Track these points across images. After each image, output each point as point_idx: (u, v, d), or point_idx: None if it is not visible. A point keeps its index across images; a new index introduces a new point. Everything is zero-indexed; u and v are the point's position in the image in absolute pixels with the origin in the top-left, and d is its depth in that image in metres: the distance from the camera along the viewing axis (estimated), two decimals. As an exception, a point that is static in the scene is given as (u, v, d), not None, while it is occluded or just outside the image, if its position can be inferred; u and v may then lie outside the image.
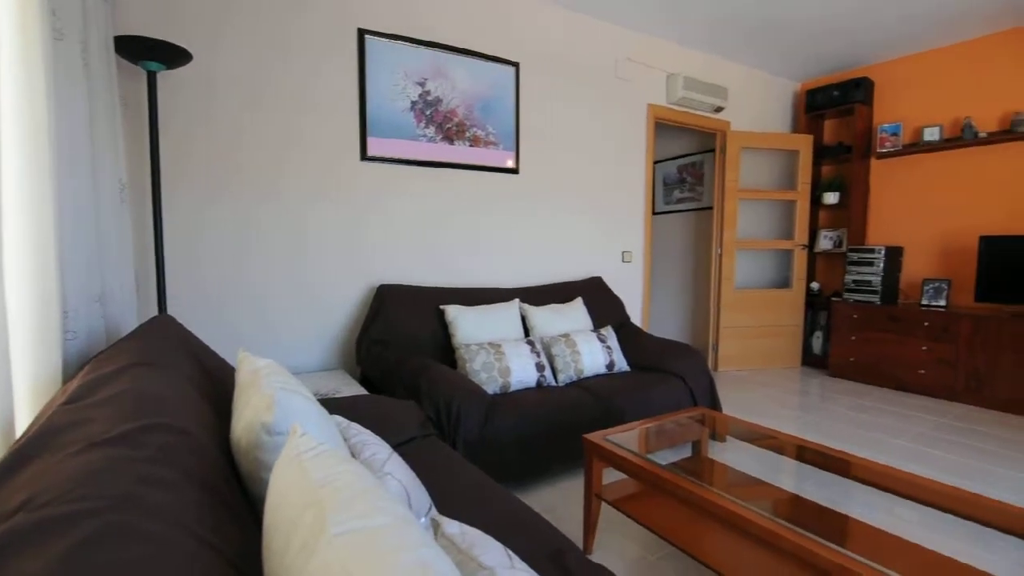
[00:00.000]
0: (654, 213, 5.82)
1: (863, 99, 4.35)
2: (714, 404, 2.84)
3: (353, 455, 1.08)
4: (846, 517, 1.53)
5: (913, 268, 4.28)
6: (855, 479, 1.60)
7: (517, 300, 2.99)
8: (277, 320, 2.65)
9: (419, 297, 2.79)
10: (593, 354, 2.77)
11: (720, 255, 4.51)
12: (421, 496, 1.01)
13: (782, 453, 1.88)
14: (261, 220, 2.58)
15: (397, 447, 1.63)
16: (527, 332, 2.94)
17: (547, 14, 3.45)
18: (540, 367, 2.57)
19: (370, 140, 2.87)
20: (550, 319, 2.96)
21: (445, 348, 2.71)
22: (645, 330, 4.11)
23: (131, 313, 1.94)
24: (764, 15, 3.56)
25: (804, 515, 1.53)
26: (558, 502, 2.17)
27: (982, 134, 3.80)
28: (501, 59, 3.28)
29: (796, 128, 4.97)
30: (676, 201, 5.57)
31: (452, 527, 0.74)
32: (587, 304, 3.32)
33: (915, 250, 4.28)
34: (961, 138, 3.87)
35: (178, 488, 0.62)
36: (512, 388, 2.46)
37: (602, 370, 2.80)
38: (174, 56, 2.04)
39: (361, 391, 2.36)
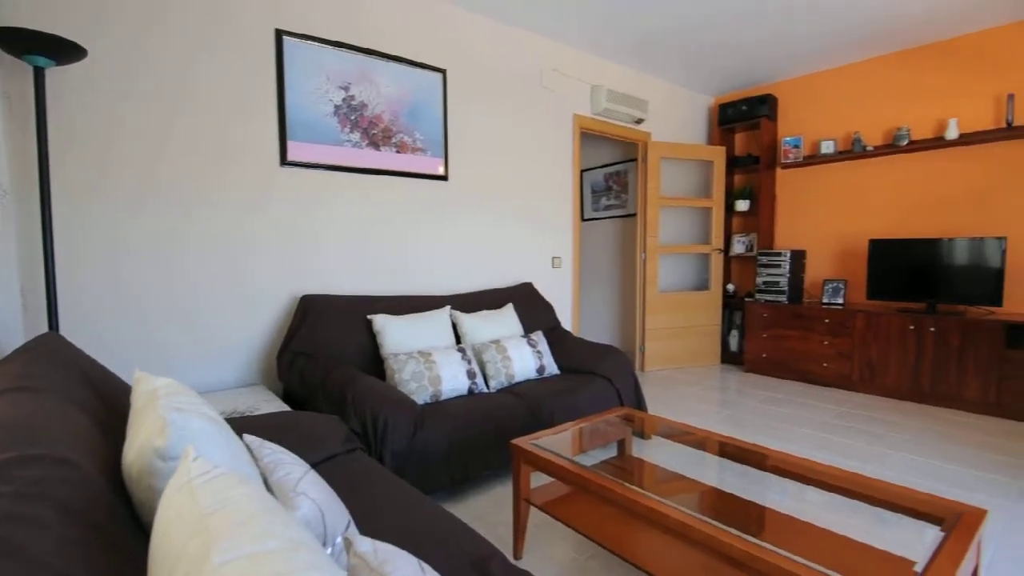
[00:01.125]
0: (583, 220, 5.98)
1: (768, 114, 4.70)
2: (639, 403, 2.95)
3: (264, 476, 1.02)
4: (759, 506, 1.63)
5: (815, 269, 4.67)
6: (768, 470, 1.72)
7: (448, 307, 2.97)
8: (192, 334, 2.48)
9: (345, 307, 2.71)
10: (524, 359, 2.80)
11: (644, 260, 4.70)
12: (338, 514, 0.98)
13: (701, 448, 1.98)
14: (175, 228, 2.41)
15: (318, 464, 1.57)
16: (458, 340, 2.93)
17: (473, 23, 3.47)
18: (471, 374, 2.57)
19: (290, 144, 2.76)
20: (481, 326, 2.96)
21: (374, 359, 2.64)
22: (575, 334, 4.21)
23: (15, 331, 1.75)
24: (679, 35, 3.77)
25: (720, 506, 1.62)
26: (490, 509, 2.17)
27: (869, 147, 4.21)
28: (427, 65, 3.26)
29: (711, 140, 5.28)
30: (603, 208, 5.76)
31: (365, 545, 0.72)
32: (518, 310, 3.36)
33: (816, 253, 4.67)
34: (852, 151, 4.27)
35: (48, 526, 0.56)
36: (443, 397, 2.44)
37: (533, 375, 2.83)
38: (65, 51, 1.87)
39: (283, 407, 2.26)
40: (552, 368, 2.93)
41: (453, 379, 2.46)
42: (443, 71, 3.33)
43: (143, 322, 2.37)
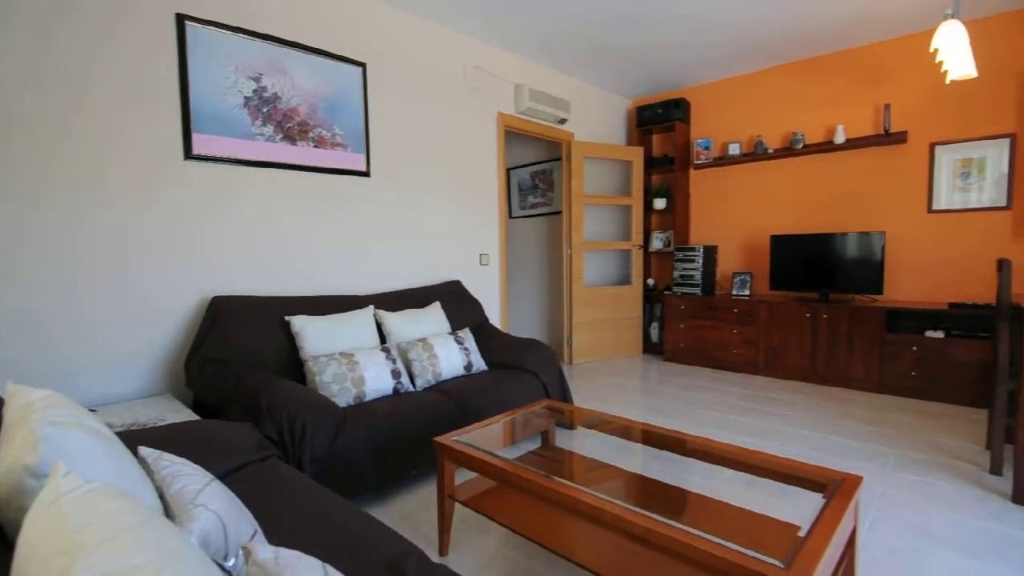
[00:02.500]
0: (511, 218, 6.05)
1: (681, 117, 4.97)
2: (565, 395, 3.03)
3: (160, 490, 0.96)
4: (671, 487, 1.73)
5: (726, 263, 4.99)
6: (681, 452, 1.83)
7: (372, 307, 2.91)
8: (90, 343, 2.26)
9: (261, 308, 2.58)
10: (451, 356, 2.79)
11: (570, 256, 4.83)
12: (243, 525, 0.94)
13: (622, 436, 2.07)
14: (71, 228, 2.19)
15: (228, 474, 1.49)
16: (384, 339, 2.88)
17: (394, 17, 3.41)
18: (396, 374, 2.53)
19: (196, 137, 2.58)
20: (407, 324, 2.93)
21: (293, 363, 2.54)
22: (504, 330, 4.26)
23: None
24: (598, 38, 3.90)
25: (634, 489, 1.70)
26: (418, 508, 2.15)
27: (770, 150, 4.56)
28: (346, 59, 3.16)
29: (630, 141, 5.51)
30: (530, 206, 5.85)
31: (265, 553, 0.70)
32: (445, 307, 3.35)
33: (727, 248, 5.00)
34: (755, 153, 4.61)
35: None
36: (367, 398, 2.39)
37: (460, 372, 2.84)
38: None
39: (192, 417, 2.12)
40: (480, 364, 2.95)
41: (377, 379, 2.42)
42: (363, 65, 3.25)
43: (39, 333, 2.14)
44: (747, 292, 4.58)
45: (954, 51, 2.57)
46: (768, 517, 1.47)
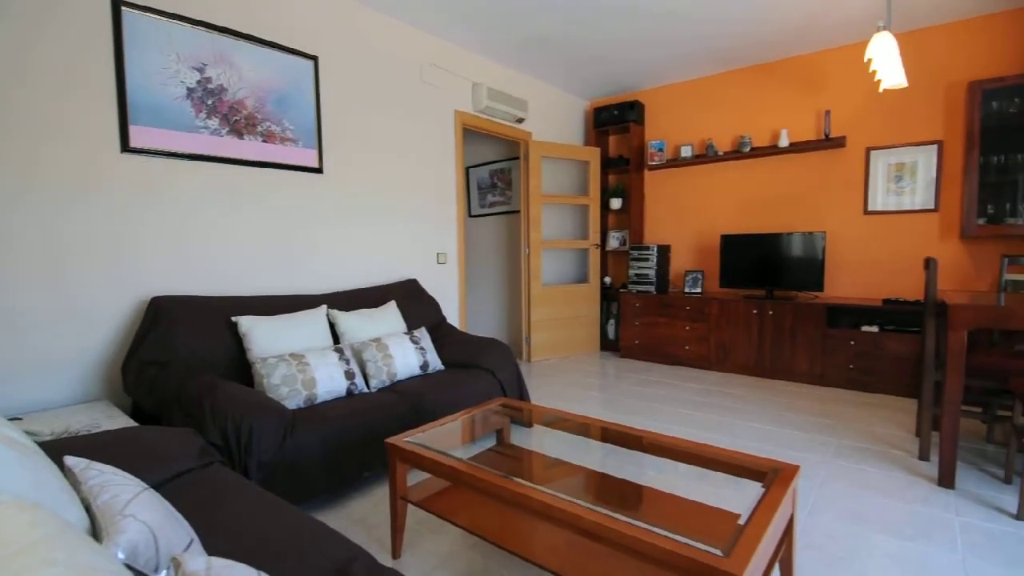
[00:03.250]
0: (470, 216, 6.03)
1: (636, 119, 5.07)
2: (522, 393, 3.05)
3: (87, 501, 0.91)
4: (622, 481, 1.76)
5: (679, 262, 5.13)
6: (633, 447, 1.86)
7: (324, 307, 2.84)
8: (16, 344, 2.11)
9: (205, 309, 2.48)
10: (406, 356, 2.76)
11: (528, 255, 4.85)
12: (177, 535, 0.90)
13: (576, 432, 2.10)
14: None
15: (166, 483, 1.43)
16: (337, 340, 2.82)
17: (347, 9, 3.33)
18: (350, 375, 2.48)
19: (133, 129, 2.45)
20: (361, 324, 2.87)
21: (240, 365, 2.45)
22: (463, 329, 4.24)
23: None
24: (556, 40, 3.93)
25: (586, 485, 1.72)
26: (371, 511, 2.12)
27: (720, 152, 4.71)
28: (297, 51, 3.07)
29: (587, 141, 5.58)
30: (489, 205, 5.84)
31: (196, 564, 0.67)
32: (402, 307, 3.30)
33: (679, 247, 5.14)
34: (706, 155, 4.75)
35: None
36: (319, 400, 2.33)
37: (416, 372, 2.81)
38: None
39: (129, 423, 2.02)
40: (436, 364, 2.92)
41: (329, 381, 2.36)
42: (314, 58, 3.17)
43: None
44: (699, 290, 4.72)
45: (886, 61, 2.73)
46: (715, 508, 1.52)
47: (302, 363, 2.32)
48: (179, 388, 2.08)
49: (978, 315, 2.11)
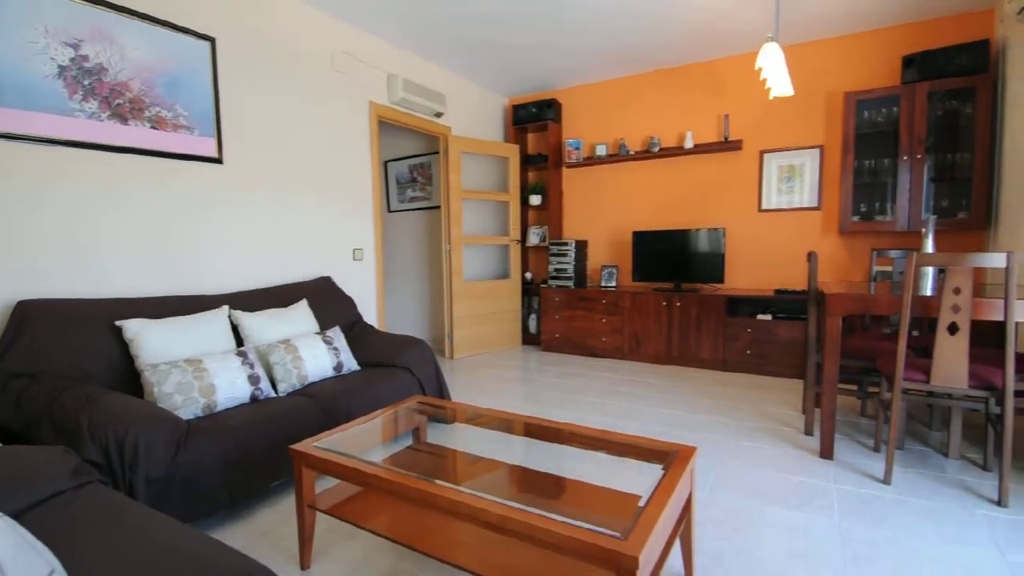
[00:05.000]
0: (389, 211, 5.88)
1: (554, 117, 5.17)
2: (441, 391, 3.02)
3: (-86, 538, 0.79)
4: (534, 472, 1.80)
5: (595, 257, 5.31)
6: (547, 439, 1.89)
7: (226, 307, 2.66)
8: None
9: (84, 313, 2.23)
10: (318, 358, 2.64)
11: (449, 251, 4.81)
12: (31, 567, 0.80)
13: (494, 427, 2.10)
14: None
15: (31, 507, 1.27)
16: (241, 343, 2.65)
17: (247, -11, 3.12)
18: (255, 379, 2.34)
19: (-12, 110, 2.16)
20: (268, 325, 2.72)
21: (128, 374, 2.23)
22: (383, 327, 4.14)
23: None
24: (473, 35, 3.91)
25: (503, 479, 1.74)
26: (279, 521, 2.01)
27: (632, 152, 4.91)
28: (190, 31, 2.84)
29: (507, 138, 5.61)
30: (409, 200, 5.73)
31: (45, 596, 0.60)
32: (314, 306, 3.16)
33: (596, 242, 5.31)
34: (619, 154, 4.94)
35: None
36: (219, 407, 2.17)
37: (329, 373, 2.70)
38: None
39: (-13, 444, 1.78)
40: (351, 364, 2.83)
41: (231, 387, 2.21)
42: (212, 40, 2.94)
43: None
44: (614, 284, 4.91)
45: (774, 71, 2.96)
46: (622, 492, 1.58)
47: (199, 369, 2.15)
48: (50, 401, 1.86)
49: (850, 303, 2.36)
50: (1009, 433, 2.02)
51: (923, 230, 2.56)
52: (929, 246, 2.54)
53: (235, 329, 2.67)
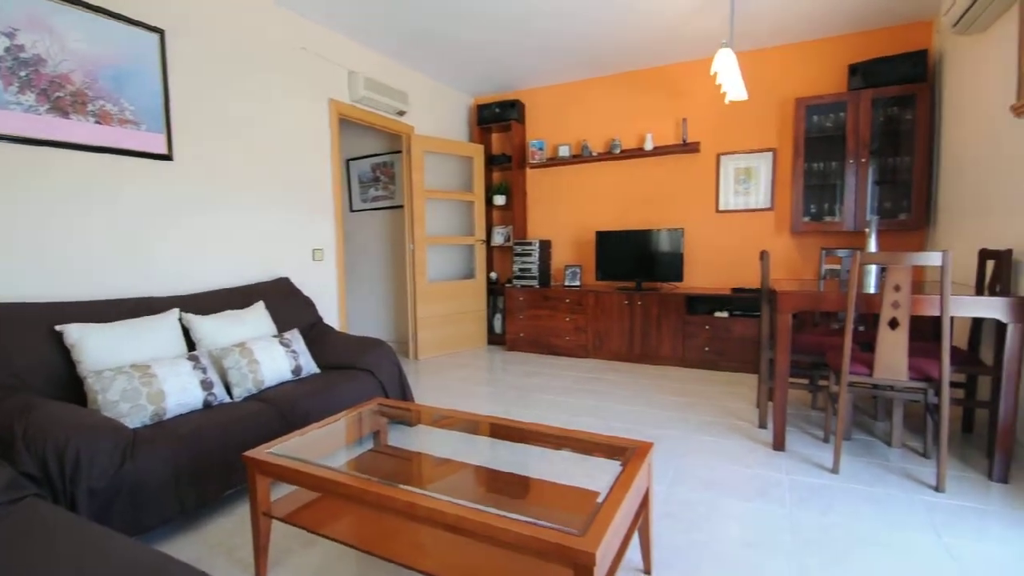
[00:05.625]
0: (352, 211, 5.78)
1: (517, 118, 5.19)
2: (404, 392, 2.99)
3: None
4: (503, 473, 1.80)
5: (559, 257, 5.35)
6: (513, 439, 1.90)
7: (177, 310, 2.56)
8: None
9: (19, 317, 2.10)
10: (275, 361, 2.58)
11: (413, 251, 4.76)
12: (-47, 588, 0.75)
13: (457, 428, 2.10)
14: None
15: (-43, 527, 1.19)
16: (194, 347, 2.55)
17: (198, -19, 3.01)
18: (208, 384, 2.26)
19: (-91, 101, 2.02)
20: (223, 328, 2.63)
21: (71, 381, 2.12)
22: (344, 329, 4.06)
23: None
24: (436, 33, 3.88)
25: (464, 480, 1.73)
26: (234, 531, 1.95)
27: (594, 153, 4.98)
28: (137, 22, 2.72)
29: (471, 137, 5.60)
30: (372, 199, 5.65)
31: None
32: (271, 308, 3.08)
33: (560, 242, 5.36)
34: (582, 155, 4.99)
35: None
36: (169, 414, 2.09)
37: (287, 377, 2.63)
38: None
39: (-90, 460, 1.66)
40: (310, 367, 2.77)
41: (182, 392, 2.13)
42: (160, 31, 2.83)
43: None
44: (577, 283, 4.96)
45: (729, 76, 3.05)
46: (582, 489, 1.60)
47: (147, 375, 2.06)
48: (-18, 412, 1.75)
49: (799, 300, 2.45)
50: (945, 422, 2.14)
51: (867, 230, 2.69)
52: (872, 245, 2.67)
53: (187, 333, 2.57)
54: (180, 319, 2.55)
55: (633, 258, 4.66)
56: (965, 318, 2.98)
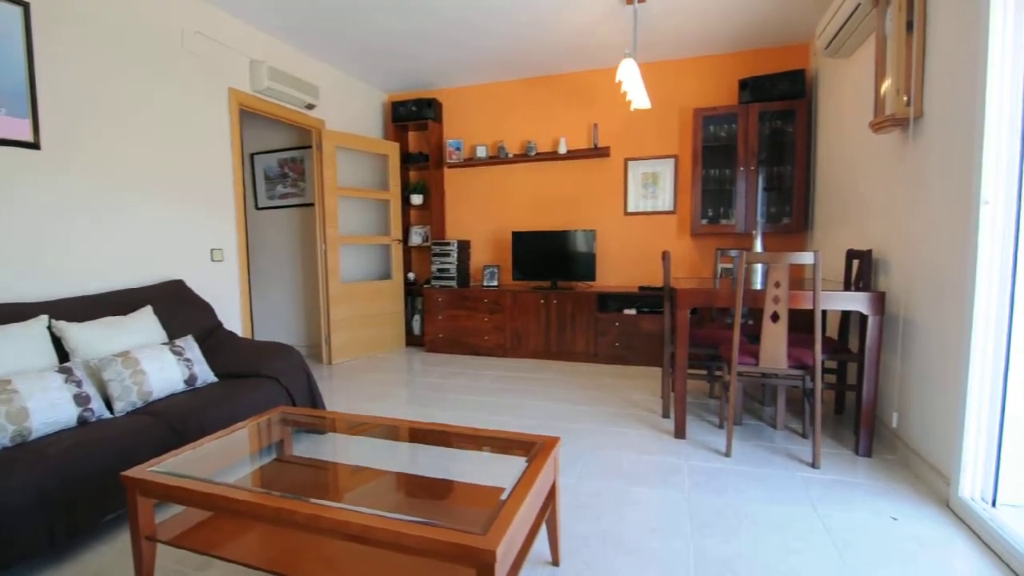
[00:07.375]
0: (257, 208, 5.45)
1: (434, 117, 5.14)
2: (314, 400, 2.87)
3: None
4: (410, 476, 1.77)
5: (478, 257, 5.37)
6: (424, 442, 1.88)
7: (45, 317, 2.28)
8: None
9: None
10: (165, 370, 2.37)
11: (325, 251, 4.58)
12: None
13: (367, 434, 2.04)
14: None
15: None
16: (67, 357, 2.29)
17: (68, -50, 2.71)
18: (83, 399, 2.04)
19: None
20: (102, 336, 2.38)
21: (-96, 401, 1.83)
22: (249, 334, 3.83)
23: None
24: (345, 24, 3.75)
25: (370, 488, 1.70)
26: (114, 560, 1.77)
27: (511, 155, 5.04)
28: (-10, -8, 2.40)
29: (387, 135, 5.47)
30: (279, 196, 5.36)
31: None
32: (161, 313, 2.83)
33: (479, 242, 5.37)
34: (499, 157, 5.04)
35: None
36: (35, 434, 1.87)
37: (180, 387, 2.44)
38: None
39: None
40: (207, 377, 2.58)
41: (50, 409, 1.90)
42: (25, 4, 2.51)
43: None
44: (496, 283, 5.00)
45: (633, 85, 3.21)
46: (489, 487, 1.62)
47: (6, 391, 1.83)
48: None
49: (695, 296, 2.63)
50: (819, 405, 2.40)
51: (754, 232, 2.94)
52: (758, 246, 2.92)
53: (61, 343, 2.30)
54: (50, 327, 2.28)
55: (549, 258, 4.78)
56: (836, 311, 3.34)
